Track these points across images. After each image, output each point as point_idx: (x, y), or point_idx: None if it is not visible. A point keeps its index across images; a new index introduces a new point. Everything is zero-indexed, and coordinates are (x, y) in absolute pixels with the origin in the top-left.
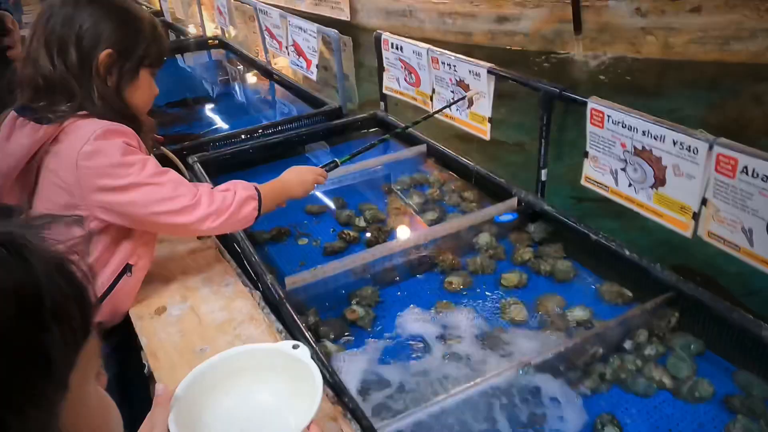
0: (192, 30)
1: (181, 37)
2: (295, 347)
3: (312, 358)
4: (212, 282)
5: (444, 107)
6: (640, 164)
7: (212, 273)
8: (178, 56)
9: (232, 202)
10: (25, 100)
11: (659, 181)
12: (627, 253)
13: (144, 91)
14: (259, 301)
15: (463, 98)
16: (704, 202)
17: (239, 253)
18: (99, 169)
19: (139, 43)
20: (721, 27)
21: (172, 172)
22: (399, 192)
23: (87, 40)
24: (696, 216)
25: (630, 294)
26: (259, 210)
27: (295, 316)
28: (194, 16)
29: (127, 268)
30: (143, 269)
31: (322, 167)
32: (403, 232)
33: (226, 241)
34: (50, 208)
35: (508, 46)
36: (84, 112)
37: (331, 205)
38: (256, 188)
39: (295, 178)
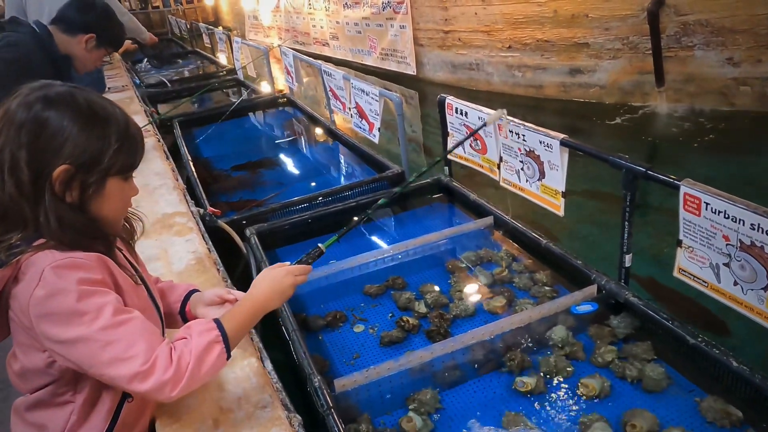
0: (264, 85)
1: (252, 95)
2: None
3: None
4: (249, 401)
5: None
6: (748, 261)
7: (251, 389)
8: (249, 114)
9: (189, 359)
10: None
11: None
12: (734, 364)
13: (115, 200)
14: (298, 428)
15: (483, 125)
16: None
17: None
18: (49, 317)
19: (104, 153)
20: None
21: (134, 320)
22: (464, 271)
23: (41, 153)
24: None
25: (740, 414)
26: (228, 351)
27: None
28: (265, 72)
29: (125, 396)
30: None
31: (300, 261)
32: (468, 324)
33: (276, 328)
34: (24, 351)
35: (583, 98)
36: (41, 241)
37: (390, 284)
38: (218, 326)
39: (268, 288)
